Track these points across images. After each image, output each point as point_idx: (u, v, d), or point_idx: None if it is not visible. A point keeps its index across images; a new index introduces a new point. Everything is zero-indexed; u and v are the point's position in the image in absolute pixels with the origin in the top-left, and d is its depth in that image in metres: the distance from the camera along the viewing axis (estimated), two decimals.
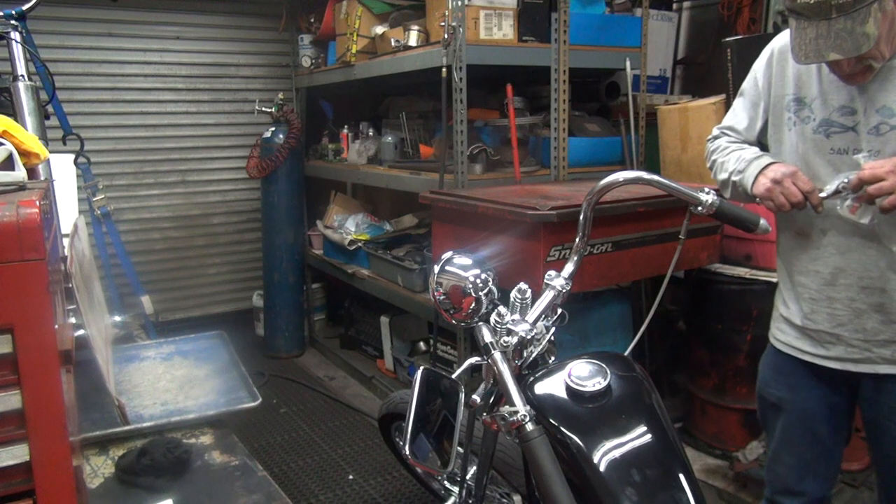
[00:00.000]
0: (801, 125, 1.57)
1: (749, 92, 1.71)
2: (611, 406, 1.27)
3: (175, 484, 1.73)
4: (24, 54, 2.41)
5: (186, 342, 2.65)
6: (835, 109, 1.51)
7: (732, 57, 2.95)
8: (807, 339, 1.64)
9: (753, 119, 1.70)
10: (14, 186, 1.06)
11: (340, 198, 4.24)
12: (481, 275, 1.40)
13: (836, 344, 1.59)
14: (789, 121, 1.60)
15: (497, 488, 1.96)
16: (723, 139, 1.78)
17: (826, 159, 1.53)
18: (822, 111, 1.53)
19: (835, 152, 1.52)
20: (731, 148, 1.71)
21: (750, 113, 1.71)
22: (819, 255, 1.58)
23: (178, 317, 4.39)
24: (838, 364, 1.60)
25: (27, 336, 0.93)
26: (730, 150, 1.70)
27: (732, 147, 1.71)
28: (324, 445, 3.16)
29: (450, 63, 2.78)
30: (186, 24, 4.19)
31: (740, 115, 1.74)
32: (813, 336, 1.63)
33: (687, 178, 3.15)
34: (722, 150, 1.74)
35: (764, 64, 1.67)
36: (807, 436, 1.69)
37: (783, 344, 1.70)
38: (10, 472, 0.96)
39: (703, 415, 2.98)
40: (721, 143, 1.77)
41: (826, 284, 1.58)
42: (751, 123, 1.71)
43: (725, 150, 1.72)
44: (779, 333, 1.72)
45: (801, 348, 1.65)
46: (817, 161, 1.55)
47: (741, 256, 2.88)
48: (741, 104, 1.74)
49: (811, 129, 1.55)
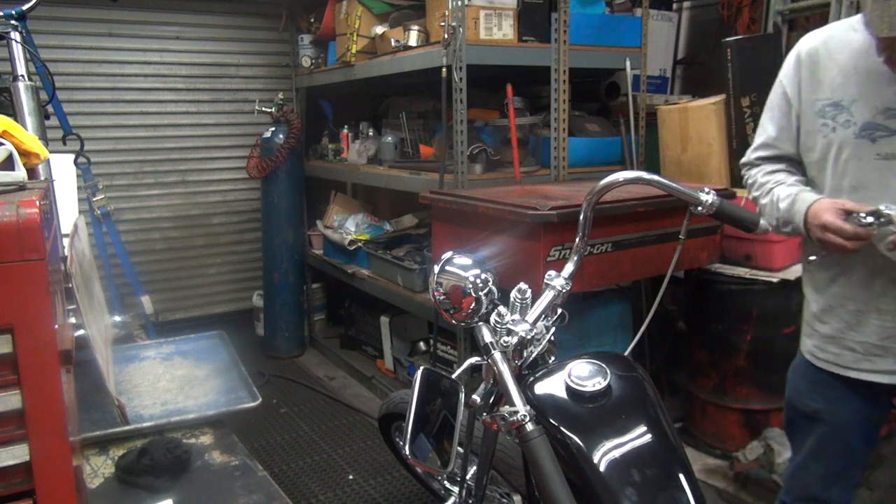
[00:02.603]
0: (841, 130, 1.48)
1: (776, 103, 1.63)
2: (611, 406, 1.27)
3: (175, 484, 1.73)
4: (24, 54, 2.41)
5: (186, 342, 2.65)
6: (879, 112, 1.43)
7: (732, 57, 2.95)
8: (848, 353, 1.58)
9: (785, 128, 1.62)
10: (14, 186, 1.06)
11: (340, 198, 4.24)
12: (481, 275, 1.40)
13: (883, 356, 1.53)
14: (825, 127, 1.52)
15: (497, 488, 1.96)
16: (756, 172, 1.68)
17: (872, 165, 1.45)
18: (863, 114, 1.45)
19: (882, 157, 1.44)
20: (766, 185, 1.63)
21: (780, 123, 1.62)
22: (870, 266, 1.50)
23: (178, 317, 4.39)
24: (885, 377, 1.54)
25: (27, 336, 0.93)
26: (767, 189, 1.62)
27: (768, 184, 1.62)
28: (324, 445, 3.16)
29: (450, 63, 2.78)
30: (186, 24, 4.19)
31: (769, 128, 1.65)
32: (856, 349, 1.56)
33: (687, 178, 3.15)
34: (759, 186, 1.65)
35: (791, 70, 1.58)
36: (840, 447, 1.65)
37: (821, 360, 1.63)
38: (10, 472, 0.96)
39: (703, 415, 2.98)
40: (757, 178, 1.67)
41: (877, 296, 1.51)
42: (782, 133, 1.62)
43: (764, 189, 1.63)
44: (816, 350, 1.65)
45: (842, 364, 1.59)
46: (863, 167, 1.47)
47: (741, 256, 2.88)
48: (769, 118, 1.66)
49: (853, 134, 1.46)
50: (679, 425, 3.09)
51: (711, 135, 3.06)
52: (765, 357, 2.79)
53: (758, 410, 2.82)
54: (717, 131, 3.05)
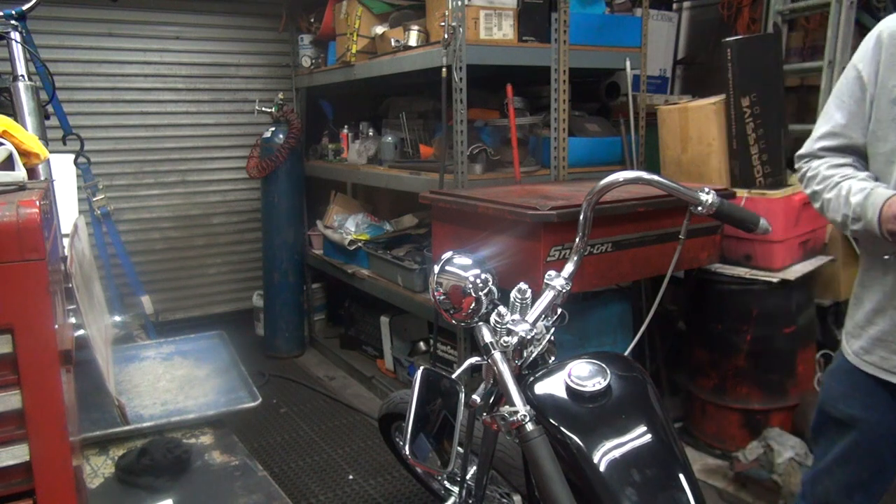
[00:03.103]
0: None
1: (848, 88, 1.51)
2: (611, 406, 1.27)
3: (175, 484, 1.73)
4: (24, 54, 2.41)
5: (186, 342, 2.65)
6: None
7: (732, 57, 2.95)
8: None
9: (856, 115, 1.50)
10: (14, 186, 1.06)
11: (340, 198, 4.24)
12: (481, 275, 1.40)
13: None
14: None
15: (497, 488, 1.96)
16: (820, 164, 1.57)
17: None
18: None
19: None
20: (832, 178, 1.51)
21: (851, 109, 1.50)
22: None
23: (178, 317, 4.39)
24: None
25: (27, 336, 0.93)
26: (833, 183, 1.51)
27: (834, 177, 1.51)
28: (324, 445, 3.16)
29: (450, 63, 2.78)
30: (186, 24, 4.19)
31: (836, 116, 1.53)
32: None
33: (687, 178, 3.15)
34: (822, 180, 1.54)
35: (870, 52, 1.46)
36: (869, 455, 1.60)
37: (867, 363, 1.56)
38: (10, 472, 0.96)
39: (703, 415, 2.98)
40: (820, 170, 1.55)
41: None
42: (852, 121, 1.51)
43: (829, 183, 1.52)
44: (862, 352, 1.57)
45: (888, 368, 1.52)
46: None
47: (741, 256, 2.88)
48: (836, 105, 1.54)
49: None
50: (679, 425, 3.09)
51: (711, 135, 3.07)
52: (765, 357, 2.79)
53: (758, 410, 2.82)
54: (717, 131, 3.05)
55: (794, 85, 3.58)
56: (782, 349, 2.80)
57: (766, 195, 2.86)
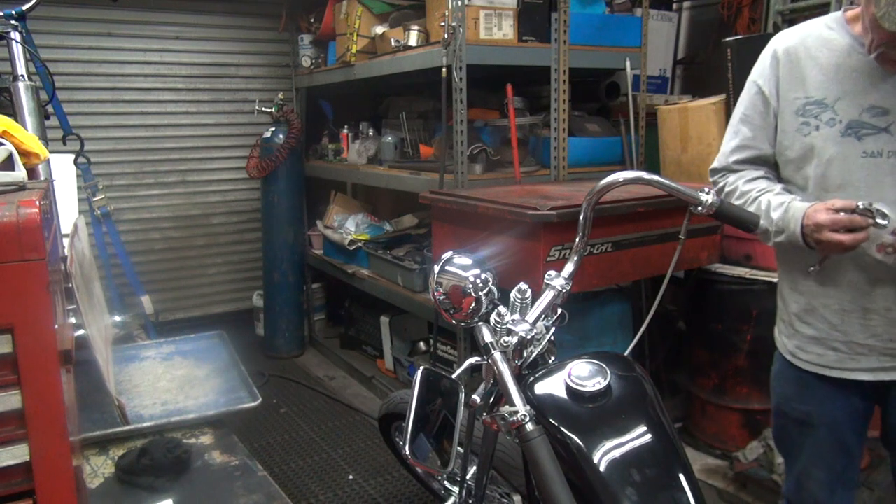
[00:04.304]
0: (825, 128, 1.47)
1: (751, 104, 1.60)
2: (611, 406, 1.27)
3: (175, 484, 1.73)
4: (24, 54, 2.41)
5: (186, 342, 2.65)
6: (864, 110, 1.44)
7: (732, 57, 2.95)
8: (832, 353, 1.57)
9: (761, 129, 1.59)
10: (14, 186, 1.06)
11: (340, 198, 4.24)
12: (481, 275, 1.40)
13: (867, 355, 1.53)
14: (806, 126, 1.50)
15: (497, 488, 1.96)
16: (736, 179, 1.64)
17: (858, 163, 1.45)
18: (849, 112, 1.45)
19: (868, 155, 1.44)
20: (750, 193, 1.58)
21: (756, 123, 1.60)
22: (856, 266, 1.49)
23: (178, 317, 4.39)
24: (869, 375, 1.54)
25: (27, 336, 0.93)
26: (752, 198, 1.58)
27: (752, 192, 1.59)
28: (324, 445, 3.16)
29: (450, 63, 2.78)
30: (186, 24, 4.19)
31: (743, 130, 1.62)
32: (840, 349, 1.56)
33: (687, 178, 3.15)
34: (741, 195, 1.61)
35: (767, 69, 1.57)
36: (836, 447, 1.63)
37: (805, 361, 1.62)
38: (10, 472, 0.96)
39: (703, 415, 2.98)
40: (738, 185, 1.62)
41: (863, 295, 1.50)
42: (759, 133, 1.60)
43: (748, 198, 1.59)
44: (798, 351, 1.63)
45: (826, 364, 1.58)
46: (849, 166, 1.46)
47: (741, 256, 2.88)
48: (741, 120, 1.62)
49: (838, 132, 1.46)
50: (679, 425, 3.09)
51: (711, 135, 3.07)
52: (765, 357, 2.75)
53: (758, 410, 2.82)
54: (717, 131, 3.05)
55: None
56: None
57: None
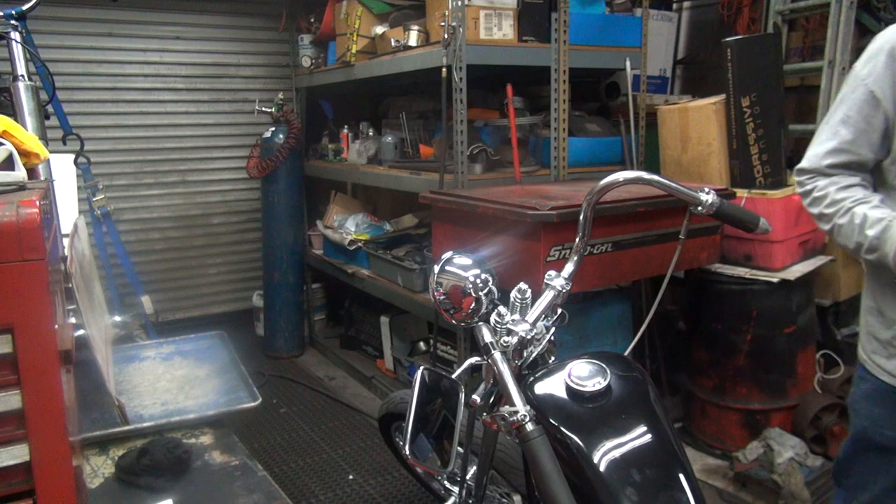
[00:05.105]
0: None
1: (858, 104, 1.44)
2: (611, 406, 1.27)
3: (175, 484, 1.73)
4: (24, 54, 2.41)
5: (186, 342, 2.65)
6: None
7: (732, 57, 2.95)
8: None
9: (865, 132, 1.44)
10: (14, 186, 1.06)
11: (340, 198, 4.24)
12: (481, 275, 1.40)
13: None
14: None
15: (497, 488, 1.96)
16: (828, 184, 1.50)
17: None
18: None
19: None
20: (844, 203, 1.45)
21: (860, 126, 1.44)
22: None
23: (178, 317, 4.39)
24: None
25: (27, 336, 0.93)
26: (846, 208, 1.45)
27: (845, 201, 1.45)
28: (324, 445, 3.16)
29: (450, 63, 2.78)
30: (186, 24, 4.19)
31: (843, 132, 1.46)
32: None
33: (687, 178, 3.15)
34: (833, 203, 1.47)
35: (881, 67, 1.40)
36: None
37: None
38: (10, 472, 0.95)
39: (703, 415, 2.98)
40: (830, 192, 1.48)
41: None
42: (860, 138, 1.45)
43: (840, 207, 1.46)
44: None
45: None
46: None
47: (741, 256, 2.89)
48: (842, 121, 1.47)
49: None
50: (679, 425, 3.09)
51: (711, 135, 3.07)
52: (765, 357, 2.79)
53: (758, 410, 2.82)
54: (717, 131, 3.05)
55: (794, 85, 3.59)
56: (782, 349, 2.80)
57: (766, 195, 2.86)
